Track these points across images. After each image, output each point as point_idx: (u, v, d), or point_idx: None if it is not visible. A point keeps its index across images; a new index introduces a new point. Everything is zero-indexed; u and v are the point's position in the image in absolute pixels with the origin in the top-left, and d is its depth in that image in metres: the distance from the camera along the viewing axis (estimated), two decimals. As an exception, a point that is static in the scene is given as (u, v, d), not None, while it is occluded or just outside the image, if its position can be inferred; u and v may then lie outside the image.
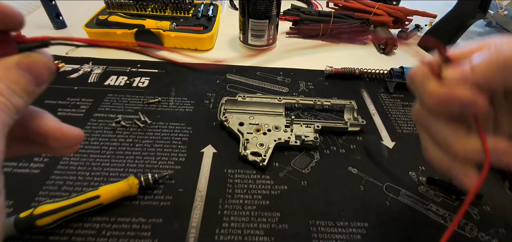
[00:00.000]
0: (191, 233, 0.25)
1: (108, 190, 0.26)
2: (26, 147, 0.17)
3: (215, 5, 0.61)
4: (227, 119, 0.35)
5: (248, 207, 0.27)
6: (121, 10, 0.55)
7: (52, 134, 0.16)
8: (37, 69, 0.14)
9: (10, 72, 0.13)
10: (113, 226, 0.25)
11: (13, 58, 0.13)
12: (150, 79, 0.43)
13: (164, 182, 0.29)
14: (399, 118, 0.39)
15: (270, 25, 0.49)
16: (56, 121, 0.17)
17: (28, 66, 0.14)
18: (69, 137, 0.17)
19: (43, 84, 0.15)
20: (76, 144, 0.18)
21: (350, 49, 0.57)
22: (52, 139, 0.16)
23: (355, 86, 0.45)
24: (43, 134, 0.16)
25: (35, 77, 0.14)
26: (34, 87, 0.14)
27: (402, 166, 0.32)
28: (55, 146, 0.17)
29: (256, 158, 0.31)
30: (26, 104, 0.14)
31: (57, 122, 0.17)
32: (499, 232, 0.27)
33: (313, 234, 0.26)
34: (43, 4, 0.52)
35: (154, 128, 0.35)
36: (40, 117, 0.16)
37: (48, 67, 0.15)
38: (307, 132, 0.34)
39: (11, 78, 0.13)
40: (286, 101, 0.38)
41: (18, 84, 0.13)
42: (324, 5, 0.70)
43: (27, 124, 0.16)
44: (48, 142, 0.17)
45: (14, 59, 0.13)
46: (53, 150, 0.18)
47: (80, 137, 0.17)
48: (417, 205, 0.28)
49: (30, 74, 0.14)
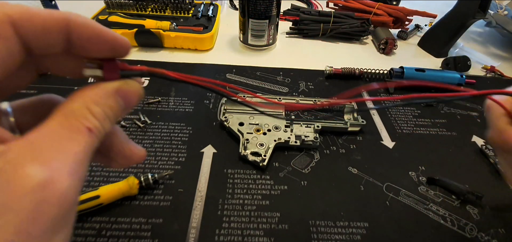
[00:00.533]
0: (191, 233, 0.25)
1: (108, 190, 0.26)
2: (95, 158, 0.17)
3: (215, 5, 0.61)
4: (227, 119, 0.35)
5: (248, 207, 0.27)
6: (121, 10, 0.55)
7: (122, 152, 0.16)
8: (131, 96, 0.14)
9: (109, 98, 0.13)
10: (113, 226, 0.25)
11: (114, 84, 0.14)
12: (150, 79, 0.43)
13: (164, 182, 0.29)
14: (399, 119, 0.39)
15: (270, 25, 0.49)
16: (126, 138, 0.17)
17: (125, 93, 0.14)
18: (136, 156, 0.17)
19: (130, 109, 0.15)
20: (139, 162, 0.18)
21: (350, 49, 0.57)
22: (122, 156, 0.16)
23: (355, 86, 0.45)
24: (114, 150, 0.16)
25: (126, 103, 0.14)
26: (123, 112, 0.14)
27: (402, 166, 0.32)
28: (120, 162, 0.17)
29: (256, 158, 0.31)
30: (112, 127, 0.14)
31: (127, 139, 0.17)
32: (499, 232, 0.27)
33: (313, 234, 0.26)
34: (43, 4, 0.52)
35: (154, 128, 0.35)
36: (115, 135, 0.16)
37: (139, 95, 0.15)
38: (307, 132, 0.34)
39: (109, 104, 0.13)
40: (286, 101, 0.38)
41: (113, 110, 0.14)
42: (324, 5, 0.70)
43: (104, 139, 0.16)
44: (117, 158, 0.16)
45: (115, 86, 0.14)
46: (111, 162, 0.17)
47: (144, 156, 0.17)
48: (417, 205, 0.28)
49: (124, 101, 0.14)
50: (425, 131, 0.37)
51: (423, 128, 0.38)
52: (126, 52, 0.14)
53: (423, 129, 0.38)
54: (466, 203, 0.29)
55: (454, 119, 0.39)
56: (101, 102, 0.13)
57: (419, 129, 0.37)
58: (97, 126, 0.13)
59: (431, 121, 0.39)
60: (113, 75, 0.14)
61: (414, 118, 0.39)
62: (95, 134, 0.13)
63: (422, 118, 0.39)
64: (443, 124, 0.38)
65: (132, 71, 0.15)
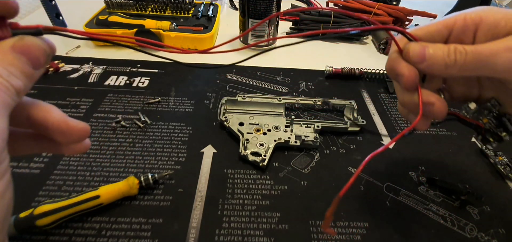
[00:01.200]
0: (191, 233, 0.25)
1: (108, 190, 0.26)
2: (37, 144, 0.18)
3: (215, 5, 0.61)
4: (227, 119, 0.35)
5: (248, 207, 0.27)
6: (121, 10, 0.55)
7: (58, 127, 0.17)
8: (32, 52, 0.15)
9: (6, 55, 0.14)
10: (113, 226, 0.25)
11: (7, 42, 0.14)
12: (150, 79, 0.43)
13: (164, 182, 0.29)
14: (399, 118, 0.39)
15: (270, 25, 0.49)
16: (63, 114, 0.17)
17: (23, 49, 0.14)
18: (74, 130, 0.17)
19: (39, 67, 0.15)
20: (82, 137, 0.18)
21: (350, 49, 0.57)
22: (58, 132, 0.17)
23: (355, 86, 0.45)
24: (49, 127, 0.17)
25: (30, 59, 0.15)
26: (31, 70, 0.15)
27: (402, 166, 0.32)
28: (61, 140, 0.17)
29: (256, 158, 0.31)
30: (26, 86, 0.14)
31: (63, 115, 0.17)
32: (499, 232, 0.27)
33: (313, 234, 0.26)
34: (43, 4, 0.52)
35: (154, 128, 0.35)
36: (47, 111, 0.17)
37: (43, 50, 0.15)
38: (307, 132, 0.34)
39: (7, 61, 0.14)
40: (286, 101, 0.38)
41: (14, 66, 0.14)
42: (324, 5, 0.70)
43: (33, 116, 0.17)
44: (55, 135, 0.17)
45: (9, 43, 0.14)
46: (62, 147, 0.18)
47: (86, 130, 0.18)
48: (417, 205, 0.28)
49: (26, 57, 0.14)
50: (425, 131, 0.37)
51: (423, 128, 0.38)
52: (14, 10, 0.14)
53: (423, 129, 0.38)
54: (466, 203, 0.29)
55: (454, 119, 0.39)
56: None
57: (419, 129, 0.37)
58: (2, 82, 0.13)
59: (431, 121, 0.39)
60: (4, 33, 0.14)
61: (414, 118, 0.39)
62: (1, 89, 0.13)
63: (422, 118, 0.39)
64: (443, 124, 0.38)
65: (25, 29, 0.15)
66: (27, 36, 0.15)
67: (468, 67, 0.19)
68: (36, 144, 0.18)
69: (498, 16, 0.19)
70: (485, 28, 0.20)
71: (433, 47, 0.20)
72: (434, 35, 0.22)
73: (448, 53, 0.20)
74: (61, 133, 0.17)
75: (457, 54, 0.20)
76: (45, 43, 0.15)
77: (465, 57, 0.19)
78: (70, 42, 0.51)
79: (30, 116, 0.16)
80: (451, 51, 0.20)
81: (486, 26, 0.20)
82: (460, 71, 0.20)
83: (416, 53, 0.21)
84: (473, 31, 0.21)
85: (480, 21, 0.20)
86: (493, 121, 0.23)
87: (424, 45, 0.21)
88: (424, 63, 0.20)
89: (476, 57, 0.19)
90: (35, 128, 0.17)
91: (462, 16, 0.21)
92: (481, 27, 0.20)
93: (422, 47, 0.21)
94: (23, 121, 0.17)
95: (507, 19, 0.19)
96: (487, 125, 0.24)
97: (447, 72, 0.20)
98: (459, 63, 0.19)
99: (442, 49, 0.20)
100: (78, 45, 0.50)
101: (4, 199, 0.13)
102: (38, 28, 0.15)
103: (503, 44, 0.19)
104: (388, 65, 0.23)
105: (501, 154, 0.33)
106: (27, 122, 0.17)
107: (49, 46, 0.16)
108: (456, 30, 0.21)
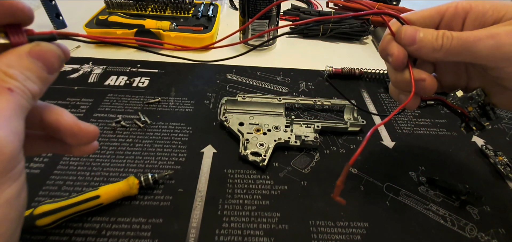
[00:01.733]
0: (191, 233, 0.25)
1: (108, 190, 0.26)
2: (47, 145, 0.19)
3: (215, 5, 0.61)
4: (227, 119, 0.35)
5: (248, 207, 0.27)
6: (121, 10, 0.55)
7: (70, 129, 0.18)
8: (48, 57, 0.15)
9: (22, 60, 0.14)
10: (113, 226, 0.25)
11: (24, 47, 0.15)
12: (150, 79, 0.43)
13: (164, 182, 0.29)
14: (399, 118, 0.39)
15: (270, 25, 0.49)
16: (74, 117, 0.18)
17: (39, 54, 0.15)
18: (85, 132, 0.18)
19: (54, 71, 0.16)
20: (92, 139, 0.19)
21: (350, 49, 0.57)
22: (70, 134, 0.18)
23: (355, 86, 0.45)
24: (62, 129, 0.17)
25: (46, 64, 0.15)
26: (46, 74, 0.15)
27: (402, 166, 0.32)
28: (72, 142, 0.18)
29: (256, 158, 0.31)
30: (41, 90, 0.15)
31: (75, 119, 0.18)
32: (499, 232, 0.27)
33: (313, 234, 0.26)
34: (43, 4, 0.52)
35: (154, 128, 0.35)
36: (60, 114, 0.18)
37: (58, 56, 0.16)
38: (307, 132, 0.34)
39: (24, 65, 0.14)
40: (286, 101, 0.38)
41: (31, 70, 0.15)
42: (324, 5, 0.70)
43: (46, 119, 0.17)
44: (66, 137, 0.18)
45: (26, 48, 0.15)
46: (71, 148, 0.19)
47: (96, 133, 0.19)
48: (417, 205, 0.28)
49: (41, 62, 0.15)
50: (425, 131, 0.37)
51: (423, 128, 0.38)
52: (29, 17, 0.15)
53: (423, 129, 0.38)
54: (466, 203, 0.29)
55: (454, 119, 0.39)
56: (16, 65, 0.14)
57: (419, 129, 0.37)
58: (18, 85, 0.14)
59: (431, 121, 0.39)
60: (20, 39, 0.15)
61: (414, 118, 0.39)
62: (18, 93, 0.14)
63: (422, 118, 0.39)
64: (443, 124, 0.38)
65: (40, 35, 0.16)
66: (43, 42, 0.16)
67: (453, 51, 0.21)
68: (47, 145, 0.19)
69: (486, 6, 0.21)
70: (473, 16, 0.21)
71: (423, 31, 0.21)
72: (427, 19, 0.23)
73: (436, 37, 0.21)
74: (73, 135, 0.18)
75: (444, 39, 0.21)
76: (59, 48, 0.16)
77: (451, 42, 0.20)
78: (70, 42, 0.51)
79: (43, 119, 0.17)
80: (439, 35, 0.21)
81: (474, 14, 0.21)
82: (446, 55, 0.21)
83: (408, 36, 0.22)
84: (463, 18, 0.22)
85: (469, 9, 0.22)
86: (478, 109, 0.25)
87: (416, 28, 0.22)
88: (414, 46, 0.22)
89: (461, 43, 0.20)
90: (48, 130, 0.18)
91: (454, 4, 0.22)
92: (470, 15, 0.22)
93: (414, 30, 0.22)
94: (36, 123, 0.17)
95: (494, 8, 0.21)
96: (472, 113, 0.25)
97: (434, 56, 0.21)
98: (445, 47, 0.21)
99: (431, 34, 0.21)
100: (78, 45, 0.50)
101: (20, 198, 0.14)
102: (52, 34, 0.16)
103: (486, 32, 0.20)
104: (381, 46, 0.24)
105: (501, 154, 0.33)
106: (40, 124, 0.17)
107: (63, 52, 0.17)
108: (447, 16, 0.23)
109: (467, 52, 0.20)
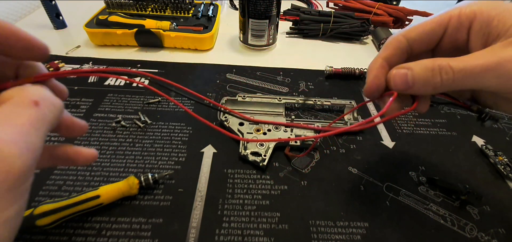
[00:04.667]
0: (191, 233, 0.25)
1: (108, 190, 0.26)
2: (51, 159, 0.19)
3: (215, 5, 0.61)
4: (227, 119, 0.35)
5: (248, 207, 0.27)
6: (121, 10, 0.55)
7: (65, 123, 0.18)
8: (62, 92, 0.19)
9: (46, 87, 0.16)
10: (113, 226, 0.25)
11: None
12: (150, 80, 0.43)
13: (164, 182, 0.29)
14: (399, 118, 0.39)
15: (270, 25, 0.49)
16: (68, 114, 0.19)
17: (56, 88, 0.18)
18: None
19: (64, 98, 0.19)
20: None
21: (350, 49, 0.57)
22: (64, 127, 0.18)
23: (355, 86, 0.45)
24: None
25: (60, 94, 0.18)
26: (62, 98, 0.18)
27: (402, 166, 0.32)
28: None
29: (256, 158, 0.31)
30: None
31: (69, 115, 0.19)
32: (499, 232, 0.27)
33: (313, 234, 0.26)
34: (43, 4, 0.52)
35: (154, 128, 0.35)
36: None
37: (65, 92, 0.19)
38: (307, 132, 0.34)
39: (49, 87, 0.17)
40: (286, 101, 0.38)
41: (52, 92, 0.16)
42: (324, 5, 0.70)
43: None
44: (60, 130, 0.18)
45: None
46: (74, 158, 0.19)
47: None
48: (417, 205, 0.28)
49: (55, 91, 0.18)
50: (425, 131, 0.37)
51: (423, 128, 0.38)
52: (43, 54, 0.16)
53: (423, 129, 0.38)
54: (466, 203, 0.29)
55: (454, 119, 0.39)
56: (42, 87, 0.15)
57: (419, 129, 0.37)
58: (44, 97, 0.14)
59: (431, 121, 0.39)
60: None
61: (414, 118, 0.39)
62: (43, 106, 0.14)
63: (422, 118, 0.39)
64: (443, 123, 0.38)
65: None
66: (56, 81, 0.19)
67: (455, 85, 0.19)
68: (51, 159, 0.19)
69: (492, 14, 0.19)
70: (478, 27, 0.20)
71: (415, 68, 0.20)
72: (429, 35, 0.21)
73: (432, 74, 0.19)
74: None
75: (442, 74, 0.19)
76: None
77: (453, 76, 0.18)
78: (70, 42, 0.51)
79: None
80: (436, 71, 0.19)
81: (479, 24, 0.19)
82: (448, 89, 0.19)
83: (398, 81, 0.20)
84: (467, 28, 0.20)
85: (474, 17, 0.20)
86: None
87: (405, 68, 0.20)
88: (410, 89, 0.20)
89: (465, 74, 0.18)
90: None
91: (456, 12, 0.20)
92: (474, 25, 0.20)
93: (403, 72, 0.20)
94: None
95: (499, 18, 0.19)
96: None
97: (435, 92, 0.20)
98: (446, 83, 0.19)
99: (425, 69, 0.19)
100: (78, 45, 0.50)
101: (17, 219, 0.13)
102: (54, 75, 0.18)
103: (493, 58, 0.18)
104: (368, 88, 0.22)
105: (501, 154, 0.33)
106: None
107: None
108: (450, 28, 0.21)
109: (472, 82, 0.18)
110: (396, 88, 0.20)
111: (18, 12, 0.62)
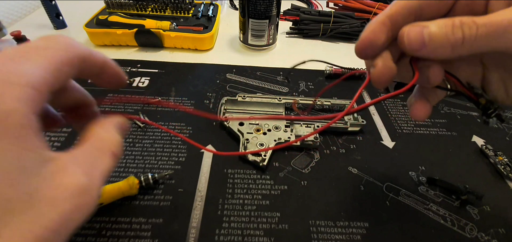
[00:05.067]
0: (191, 233, 0.25)
1: (108, 190, 0.26)
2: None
3: (215, 5, 0.61)
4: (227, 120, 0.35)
5: (248, 207, 0.27)
6: (121, 10, 0.55)
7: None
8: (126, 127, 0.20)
9: (119, 130, 0.18)
10: (113, 226, 0.25)
11: (119, 119, 0.19)
12: (150, 79, 0.43)
13: (164, 182, 0.29)
14: (399, 119, 0.39)
15: (270, 25, 0.49)
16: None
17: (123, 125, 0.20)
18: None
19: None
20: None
21: (350, 49, 0.57)
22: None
23: (355, 86, 0.45)
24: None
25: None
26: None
27: (402, 166, 0.32)
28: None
29: (256, 158, 0.31)
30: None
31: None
32: (499, 232, 0.27)
33: (313, 234, 0.26)
34: (43, 4, 0.52)
35: (154, 128, 0.35)
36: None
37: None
38: (307, 132, 0.34)
39: (122, 134, 0.19)
40: (286, 101, 0.38)
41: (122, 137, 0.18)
42: (324, 5, 0.70)
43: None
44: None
45: (120, 120, 0.19)
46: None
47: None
48: (417, 205, 0.28)
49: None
50: (425, 131, 0.37)
51: (423, 128, 0.38)
52: (123, 84, 0.19)
53: (423, 128, 0.38)
54: (466, 203, 0.29)
55: (454, 119, 0.39)
56: (119, 134, 0.17)
57: (419, 129, 0.37)
58: (118, 151, 0.16)
59: (431, 121, 0.39)
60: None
61: (414, 118, 0.39)
62: (117, 157, 0.16)
63: (422, 118, 0.39)
64: (443, 123, 0.38)
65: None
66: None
67: (479, 43, 0.16)
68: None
69: None
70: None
71: (432, 25, 0.16)
72: (438, 5, 0.18)
73: (452, 30, 0.16)
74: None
75: (465, 29, 0.15)
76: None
77: (476, 32, 0.15)
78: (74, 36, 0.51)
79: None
80: (456, 26, 0.16)
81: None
82: (470, 49, 0.16)
83: (413, 39, 0.17)
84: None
85: None
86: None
87: (421, 25, 0.17)
88: (424, 49, 0.16)
89: (490, 29, 0.15)
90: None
91: None
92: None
93: (419, 28, 0.17)
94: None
95: None
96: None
97: (454, 54, 0.16)
98: (468, 40, 0.15)
99: (445, 26, 0.16)
100: (78, 45, 0.50)
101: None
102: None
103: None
104: (361, 44, 0.20)
105: (501, 154, 0.33)
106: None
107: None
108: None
109: (497, 40, 0.15)
110: (409, 47, 0.17)
111: (18, 12, 0.62)
